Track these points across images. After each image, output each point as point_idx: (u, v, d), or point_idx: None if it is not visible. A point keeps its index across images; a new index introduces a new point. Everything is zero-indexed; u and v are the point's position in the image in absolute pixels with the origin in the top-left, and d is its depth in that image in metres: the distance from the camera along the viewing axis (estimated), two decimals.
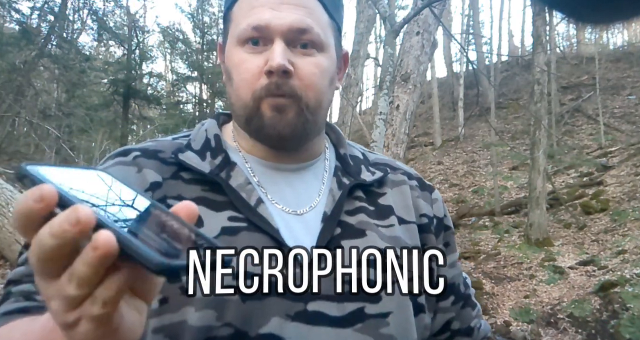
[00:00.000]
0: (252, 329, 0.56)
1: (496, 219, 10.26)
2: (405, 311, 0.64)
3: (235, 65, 0.67)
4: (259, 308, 0.57)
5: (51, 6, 7.25)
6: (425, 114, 18.31)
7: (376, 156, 0.81)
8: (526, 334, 6.17)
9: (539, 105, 8.68)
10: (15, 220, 0.31)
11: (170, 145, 0.70)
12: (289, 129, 0.66)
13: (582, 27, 1.13)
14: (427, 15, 4.66)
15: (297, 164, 0.72)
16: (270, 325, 0.56)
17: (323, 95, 0.69)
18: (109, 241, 0.29)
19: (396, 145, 4.67)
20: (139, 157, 0.66)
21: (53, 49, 7.38)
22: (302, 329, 0.58)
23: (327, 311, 0.59)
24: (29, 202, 0.30)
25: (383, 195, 0.73)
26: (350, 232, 0.66)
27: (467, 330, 0.79)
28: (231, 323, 0.56)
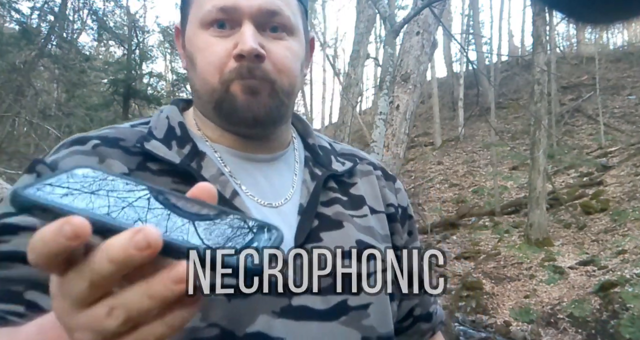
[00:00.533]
0: (240, 329, 0.54)
1: (496, 219, 10.26)
2: (383, 301, 0.64)
3: (200, 49, 0.63)
4: (245, 306, 0.54)
5: (51, 6, 7.25)
6: (425, 114, 18.31)
7: (341, 146, 0.80)
8: (526, 334, 6.17)
9: (539, 105, 8.68)
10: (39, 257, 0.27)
11: (131, 133, 0.64)
12: (264, 111, 0.62)
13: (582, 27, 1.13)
14: (427, 15, 4.66)
15: (270, 154, 0.68)
16: (257, 324, 0.54)
17: (296, 80, 0.66)
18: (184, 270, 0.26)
19: (396, 145, 4.66)
20: (100, 146, 0.60)
21: (53, 49, 7.38)
22: (289, 325, 0.56)
23: (312, 305, 0.57)
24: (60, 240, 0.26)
25: (354, 185, 0.71)
26: (328, 224, 0.64)
27: (427, 316, 0.80)
28: (217, 323, 0.53)
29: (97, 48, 9.98)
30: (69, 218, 0.26)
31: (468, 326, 6.60)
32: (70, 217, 0.26)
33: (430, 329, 0.81)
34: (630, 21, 0.25)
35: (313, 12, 20.34)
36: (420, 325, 0.79)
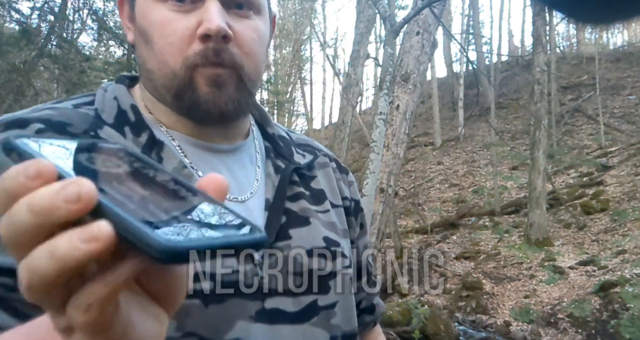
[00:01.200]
0: (218, 336, 0.50)
1: (496, 219, 10.26)
2: (348, 299, 0.62)
3: (157, 24, 0.55)
4: (222, 312, 0.51)
5: (51, 6, 7.24)
6: (425, 114, 18.31)
7: (297, 136, 0.75)
8: (526, 334, 6.17)
9: (539, 105, 8.69)
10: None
11: (78, 117, 0.55)
12: (231, 105, 0.56)
13: (582, 27, 1.13)
14: (427, 15, 4.66)
15: (231, 144, 0.63)
16: (235, 330, 0.51)
17: (261, 66, 0.60)
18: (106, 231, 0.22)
19: (396, 145, 4.67)
20: (45, 131, 0.51)
21: (53, 49, 7.37)
22: (265, 330, 0.53)
23: (284, 307, 0.55)
24: (19, 178, 0.23)
25: (314, 178, 0.68)
26: (296, 220, 0.61)
27: (371, 308, 0.79)
28: (195, 332, 0.49)
29: (97, 48, 9.98)
30: (38, 160, 0.24)
31: (468, 326, 6.60)
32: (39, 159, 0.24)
33: (372, 321, 0.81)
34: (630, 21, 0.25)
35: (313, 12, 20.34)
36: (364, 318, 0.78)
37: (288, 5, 19.99)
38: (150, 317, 0.27)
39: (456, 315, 6.94)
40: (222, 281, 0.51)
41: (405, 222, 11.33)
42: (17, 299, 0.41)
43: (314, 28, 20.15)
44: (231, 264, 0.53)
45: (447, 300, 7.34)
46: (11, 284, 0.40)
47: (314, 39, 21.86)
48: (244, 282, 0.53)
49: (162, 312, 0.28)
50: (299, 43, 19.99)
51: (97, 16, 7.67)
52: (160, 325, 0.28)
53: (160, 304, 0.28)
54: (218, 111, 0.56)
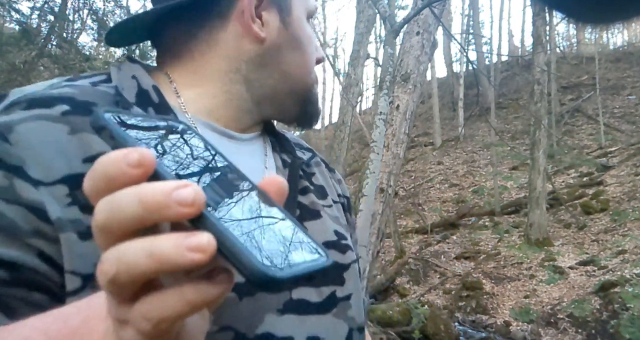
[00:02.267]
0: (251, 330, 0.50)
1: (496, 219, 10.27)
2: (359, 291, 0.63)
3: (310, 39, 0.65)
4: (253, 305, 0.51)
5: (51, 6, 7.24)
6: (425, 114, 18.32)
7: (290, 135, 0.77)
8: (526, 334, 6.17)
9: (539, 105, 8.69)
10: (92, 179, 0.24)
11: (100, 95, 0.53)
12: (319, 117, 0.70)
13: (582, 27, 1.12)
14: (427, 15, 4.66)
15: (247, 134, 0.63)
16: (265, 324, 0.51)
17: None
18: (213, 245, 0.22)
19: (396, 145, 4.66)
20: (71, 114, 0.48)
21: (53, 49, 7.37)
22: (293, 321, 0.53)
23: (309, 297, 0.55)
24: (121, 165, 0.23)
25: (314, 174, 0.69)
26: (308, 214, 0.62)
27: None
28: (230, 326, 0.49)
29: (97, 48, 9.98)
30: (140, 148, 0.24)
31: (468, 326, 6.60)
32: (141, 148, 0.24)
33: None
34: (630, 21, 0.25)
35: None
36: None
37: None
38: (198, 316, 0.27)
39: (456, 315, 6.94)
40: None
41: (405, 222, 11.33)
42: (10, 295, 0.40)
43: (314, 28, 20.13)
44: None
45: (447, 300, 7.35)
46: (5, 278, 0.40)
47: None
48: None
49: (206, 311, 0.28)
50: None
51: (97, 16, 7.67)
52: (205, 321, 0.28)
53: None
54: (318, 120, 0.70)
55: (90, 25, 8.04)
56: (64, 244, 0.42)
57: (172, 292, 0.23)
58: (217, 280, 0.23)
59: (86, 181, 0.25)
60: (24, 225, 0.41)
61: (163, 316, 0.23)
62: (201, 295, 0.23)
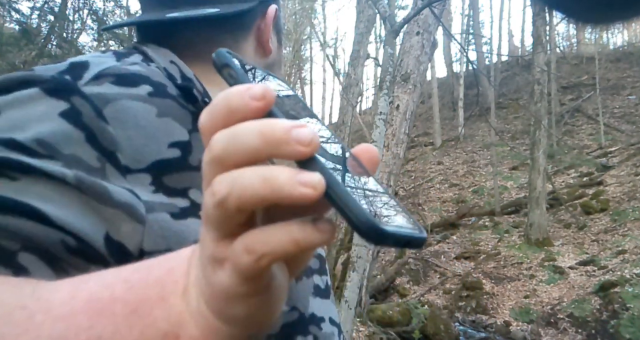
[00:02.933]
0: (305, 310, 0.53)
1: (496, 219, 10.27)
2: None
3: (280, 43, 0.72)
4: (302, 288, 0.55)
5: (51, 6, 7.24)
6: (425, 114, 18.32)
7: None
8: (526, 334, 6.17)
9: (539, 105, 8.69)
10: (211, 112, 0.25)
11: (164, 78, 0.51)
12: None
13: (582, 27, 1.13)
14: (427, 15, 4.66)
15: None
16: (312, 305, 0.55)
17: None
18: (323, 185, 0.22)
19: (396, 145, 4.67)
20: (155, 96, 0.47)
21: (53, 49, 7.38)
22: (319, 303, 0.57)
23: (320, 284, 0.60)
24: (244, 97, 0.24)
25: None
26: None
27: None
28: (296, 306, 0.52)
29: (97, 48, 9.98)
30: (261, 84, 0.25)
31: (468, 326, 6.60)
32: (263, 84, 0.25)
33: None
34: (630, 21, 0.25)
35: (313, 12, 20.34)
36: None
37: (288, 5, 19.99)
38: (283, 275, 0.27)
39: (456, 315, 6.94)
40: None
41: None
42: (73, 263, 0.39)
43: (314, 28, 20.15)
44: None
45: (447, 300, 7.35)
46: (74, 247, 0.39)
47: (314, 39, 21.88)
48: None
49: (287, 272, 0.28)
50: (299, 43, 19.99)
51: (97, 16, 7.68)
52: (287, 284, 0.28)
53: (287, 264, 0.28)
54: None
55: (90, 25, 8.05)
56: (152, 225, 0.42)
57: (280, 227, 0.24)
58: (321, 228, 0.23)
59: (204, 115, 0.25)
60: (118, 197, 0.41)
61: (267, 250, 0.23)
62: (307, 236, 0.23)
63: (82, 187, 0.39)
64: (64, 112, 0.41)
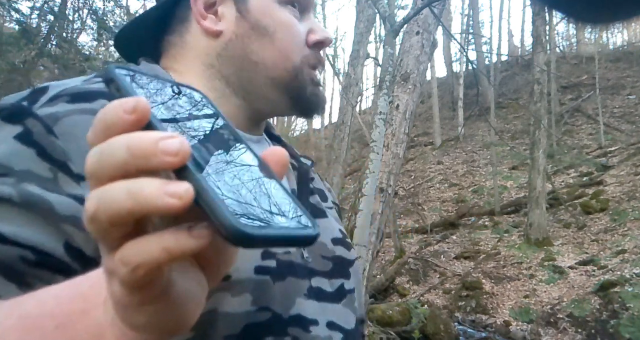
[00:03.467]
0: (285, 311, 0.53)
1: (496, 219, 10.26)
2: (361, 287, 0.67)
3: (284, 24, 0.62)
4: (284, 289, 0.54)
5: (51, 6, 7.24)
6: (425, 114, 18.31)
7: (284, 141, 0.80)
8: (526, 334, 6.17)
9: (539, 105, 8.69)
10: (93, 128, 0.26)
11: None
12: (325, 104, 0.66)
13: (582, 27, 1.13)
14: (427, 15, 4.66)
15: (255, 136, 0.66)
16: (297, 306, 0.54)
17: None
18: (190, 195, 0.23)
19: (396, 145, 4.66)
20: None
21: (53, 49, 7.38)
22: (316, 306, 0.57)
23: (324, 287, 0.59)
24: (119, 111, 0.24)
25: (313, 179, 0.72)
26: (317, 212, 0.65)
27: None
28: (268, 307, 0.52)
29: (97, 48, 9.96)
30: (136, 98, 0.25)
31: (468, 326, 6.60)
32: (138, 98, 0.25)
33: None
34: (630, 21, 0.25)
35: (313, 12, 20.27)
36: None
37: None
38: (193, 281, 0.27)
39: (456, 315, 6.94)
40: (281, 260, 0.55)
41: (405, 222, 11.33)
42: (34, 275, 0.41)
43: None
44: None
45: (447, 300, 7.35)
46: (34, 260, 0.41)
47: None
48: (295, 262, 0.57)
49: (204, 279, 0.28)
50: None
51: (97, 16, 7.67)
52: (202, 291, 0.28)
53: (204, 271, 0.28)
54: (322, 106, 0.65)
55: (90, 25, 8.04)
56: None
57: (151, 238, 0.24)
58: (196, 234, 0.24)
59: (89, 131, 0.26)
60: (63, 211, 0.43)
61: (140, 261, 0.23)
62: (179, 244, 0.23)
63: (29, 205, 0.42)
64: (18, 134, 0.45)
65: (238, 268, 0.51)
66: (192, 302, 0.27)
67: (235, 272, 0.50)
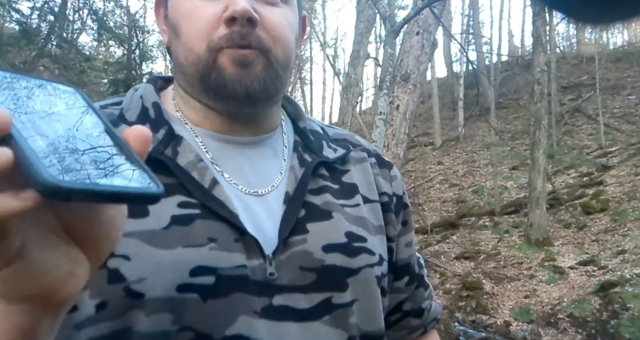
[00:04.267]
0: (217, 331, 0.49)
1: (496, 219, 10.26)
2: (371, 297, 0.60)
3: (186, 15, 0.56)
4: (223, 307, 0.50)
5: (51, 6, 7.25)
6: (425, 114, 18.31)
7: (335, 131, 0.73)
8: (526, 334, 6.17)
9: (539, 105, 8.68)
10: None
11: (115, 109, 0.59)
12: (258, 85, 0.56)
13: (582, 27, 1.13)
14: (427, 15, 4.66)
15: (255, 137, 0.62)
16: (237, 325, 0.50)
17: (291, 52, 0.60)
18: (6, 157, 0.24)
19: (396, 145, 4.66)
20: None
21: (53, 49, 7.38)
22: (271, 326, 0.52)
23: (294, 304, 0.54)
24: None
25: (347, 172, 0.66)
26: (316, 214, 0.59)
27: (418, 311, 0.75)
28: (191, 326, 0.49)
29: (97, 48, 9.94)
30: None
31: (468, 326, 6.60)
32: None
33: (421, 326, 0.76)
34: (630, 21, 0.25)
35: (313, 12, 20.32)
36: (409, 321, 0.74)
37: None
38: (61, 255, 0.28)
39: (456, 315, 6.94)
40: (225, 276, 0.51)
41: None
42: None
43: (314, 28, 20.14)
44: (238, 258, 0.52)
45: (447, 300, 7.34)
46: None
47: (314, 39, 21.88)
48: (251, 278, 0.52)
49: (79, 254, 0.29)
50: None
51: (97, 16, 7.68)
52: (75, 265, 0.29)
53: (83, 247, 0.29)
54: (244, 91, 0.56)
55: (90, 25, 8.04)
56: None
57: None
58: (21, 196, 0.24)
59: None
60: None
61: None
62: (3, 206, 0.24)
63: None
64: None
65: (153, 286, 0.48)
66: (57, 272, 0.28)
67: (150, 290, 0.48)
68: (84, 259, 0.29)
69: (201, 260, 0.50)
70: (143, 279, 0.49)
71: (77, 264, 0.29)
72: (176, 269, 0.49)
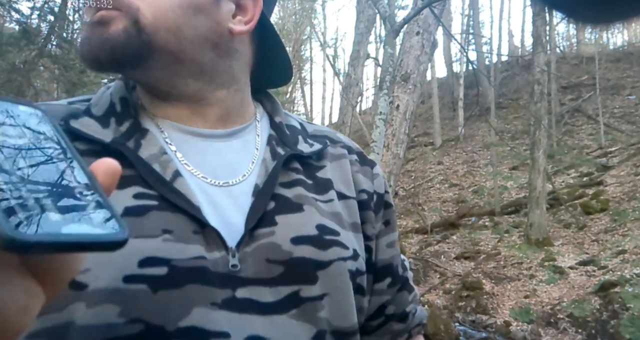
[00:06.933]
0: (170, 323, 0.48)
1: (496, 219, 10.26)
2: (342, 292, 0.58)
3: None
4: (176, 298, 0.49)
5: (51, 6, 7.25)
6: (425, 114, 18.32)
7: (315, 127, 0.72)
8: (526, 334, 6.17)
9: (539, 105, 8.69)
10: None
11: (63, 110, 0.58)
12: (108, 45, 0.53)
13: (582, 27, 1.12)
14: (427, 15, 4.67)
15: (225, 129, 0.62)
16: (192, 317, 0.49)
17: (167, 14, 0.55)
18: None
19: (396, 145, 4.67)
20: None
21: (53, 49, 7.38)
22: (233, 318, 0.50)
23: (259, 298, 0.52)
24: None
25: (322, 168, 0.65)
26: (286, 207, 0.58)
27: (402, 316, 0.72)
28: (140, 318, 0.47)
29: None
30: None
31: (468, 326, 6.60)
32: None
33: (404, 330, 0.73)
34: (630, 21, 0.25)
35: (313, 12, 20.33)
36: (392, 325, 0.71)
37: (288, 5, 19.99)
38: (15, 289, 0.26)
39: (456, 315, 6.94)
40: (179, 267, 0.50)
41: (405, 222, 11.33)
42: None
43: (314, 28, 20.15)
44: (195, 250, 0.51)
45: (447, 300, 7.35)
46: None
47: (314, 39, 21.89)
48: (212, 269, 0.51)
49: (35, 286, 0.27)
50: (299, 43, 19.98)
51: None
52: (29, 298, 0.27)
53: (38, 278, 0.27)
54: (86, 50, 0.53)
55: None
56: None
57: None
58: None
59: None
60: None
61: None
62: None
63: None
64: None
65: (98, 276, 0.47)
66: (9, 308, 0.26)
67: (95, 281, 0.47)
68: (39, 290, 0.27)
69: (152, 252, 0.49)
70: (87, 270, 0.47)
71: (31, 297, 0.26)
72: (123, 260, 0.48)
